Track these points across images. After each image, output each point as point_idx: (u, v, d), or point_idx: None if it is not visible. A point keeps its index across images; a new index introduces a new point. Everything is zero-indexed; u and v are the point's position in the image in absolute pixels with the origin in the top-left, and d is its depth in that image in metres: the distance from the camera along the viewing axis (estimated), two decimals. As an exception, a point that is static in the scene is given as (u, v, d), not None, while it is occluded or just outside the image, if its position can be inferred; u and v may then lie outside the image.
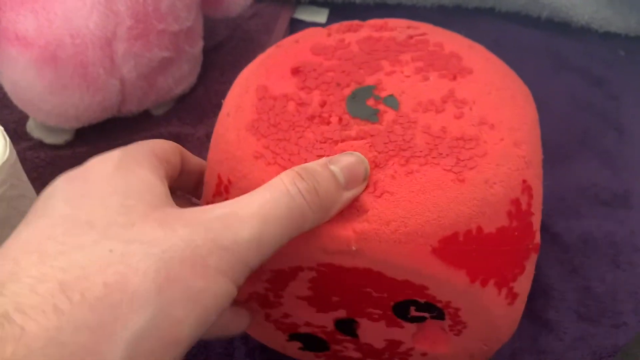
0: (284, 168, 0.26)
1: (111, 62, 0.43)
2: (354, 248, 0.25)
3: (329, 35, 0.32)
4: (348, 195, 0.25)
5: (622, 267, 0.40)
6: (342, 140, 0.27)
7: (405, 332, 0.29)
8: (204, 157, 0.30)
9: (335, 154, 0.26)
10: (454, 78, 0.29)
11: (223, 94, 0.31)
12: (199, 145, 0.47)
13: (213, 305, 0.21)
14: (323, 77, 0.29)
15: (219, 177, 0.28)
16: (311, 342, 0.32)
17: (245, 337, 0.37)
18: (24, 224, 0.22)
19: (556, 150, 0.47)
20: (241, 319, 0.30)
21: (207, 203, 0.28)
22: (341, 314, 0.29)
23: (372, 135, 0.26)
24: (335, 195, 0.24)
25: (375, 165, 0.26)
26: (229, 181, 0.27)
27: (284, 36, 0.54)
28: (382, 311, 0.28)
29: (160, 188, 0.24)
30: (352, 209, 0.25)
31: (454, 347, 0.30)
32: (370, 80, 0.29)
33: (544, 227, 0.41)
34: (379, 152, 0.26)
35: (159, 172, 0.25)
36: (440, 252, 0.24)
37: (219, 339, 0.32)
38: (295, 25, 0.59)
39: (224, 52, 0.55)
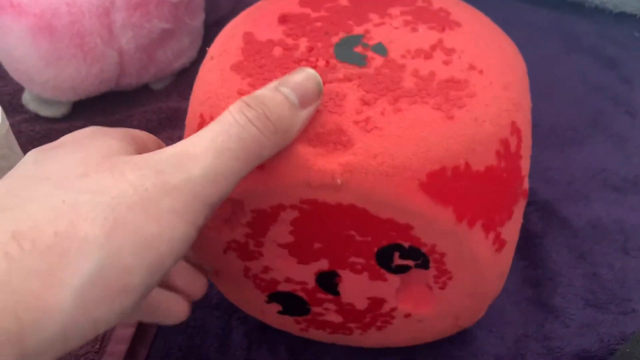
0: None
1: (109, 32, 0.42)
2: (339, 181, 0.24)
3: None
4: (304, 114, 0.24)
5: (632, 253, 0.39)
6: (329, 82, 0.26)
7: (388, 287, 0.28)
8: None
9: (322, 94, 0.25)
10: (443, 30, 0.28)
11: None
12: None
13: (168, 251, 0.21)
14: (311, 26, 0.29)
15: (202, 116, 0.27)
16: (291, 303, 0.31)
17: (243, 318, 0.36)
18: None
19: (566, 132, 0.46)
20: (198, 282, 0.29)
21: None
22: (323, 265, 0.28)
23: (360, 77, 0.26)
24: (291, 116, 0.24)
25: (364, 102, 0.25)
26: (211, 118, 0.26)
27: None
28: (365, 260, 0.27)
29: (122, 146, 0.23)
30: (338, 144, 0.24)
31: (439, 306, 0.29)
32: (358, 30, 0.28)
33: (552, 211, 0.41)
34: (367, 92, 0.25)
35: (128, 145, 0.24)
36: (427, 187, 0.24)
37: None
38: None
39: (226, 27, 0.54)
